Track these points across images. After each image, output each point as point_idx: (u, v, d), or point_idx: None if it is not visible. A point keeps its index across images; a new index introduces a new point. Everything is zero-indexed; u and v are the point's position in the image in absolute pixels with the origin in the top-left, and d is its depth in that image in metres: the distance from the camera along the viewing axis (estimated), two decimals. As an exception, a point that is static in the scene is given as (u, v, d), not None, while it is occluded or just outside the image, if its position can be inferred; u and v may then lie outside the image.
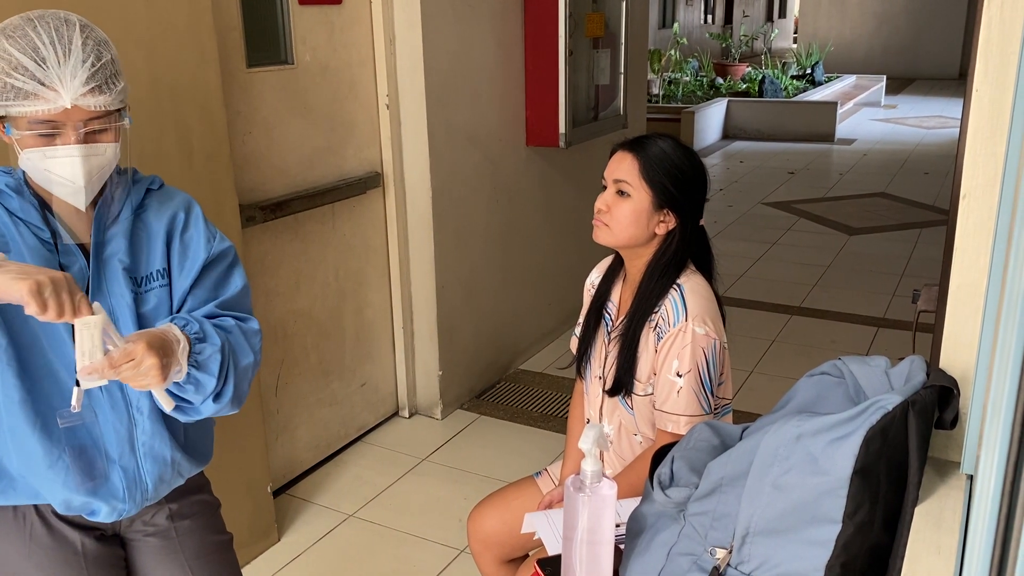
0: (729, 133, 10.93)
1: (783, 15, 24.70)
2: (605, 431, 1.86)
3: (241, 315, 1.46)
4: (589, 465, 1.17)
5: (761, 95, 11.69)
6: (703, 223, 1.80)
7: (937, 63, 17.58)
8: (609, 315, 1.87)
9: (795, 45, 20.38)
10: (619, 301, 1.87)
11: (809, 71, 14.17)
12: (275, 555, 2.72)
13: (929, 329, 2.62)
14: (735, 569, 1.04)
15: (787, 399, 1.13)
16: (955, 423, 0.98)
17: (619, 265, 1.89)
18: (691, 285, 1.73)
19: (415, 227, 3.37)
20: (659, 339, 1.71)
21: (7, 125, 1.24)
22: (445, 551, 2.71)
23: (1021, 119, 0.84)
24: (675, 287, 1.73)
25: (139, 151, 1.38)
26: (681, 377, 1.68)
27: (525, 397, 3.74)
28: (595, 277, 1.96)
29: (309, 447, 3.15)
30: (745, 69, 13.50)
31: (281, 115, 2.83)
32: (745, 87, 12.35)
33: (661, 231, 1.74)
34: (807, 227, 6.64)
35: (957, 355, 0.99)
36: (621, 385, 1.77)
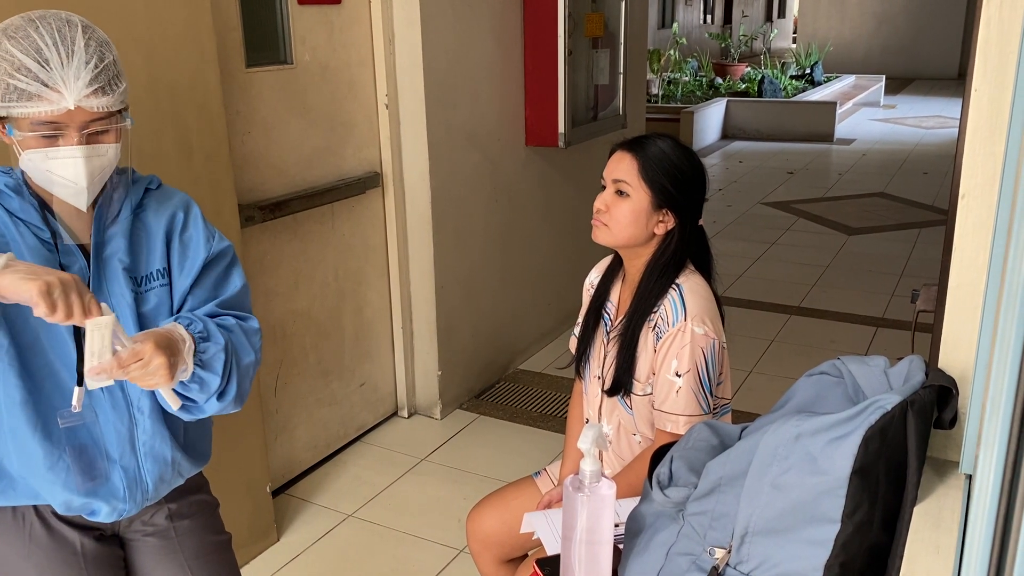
0: (728, 133, 10.93)
1: (782, 15, 24.71)
2: (604, 431, 1.86)
3: (241, 314, 1.46)
4: (588, 465, 1.17)
5: (760, 95, 11.69)
6: (702, 223, 1.80)
7: (936, 63, 17.59)
8: (608, 315, 1.87)
9: (794, 45, 20.39)
10: (618, 301, 1.87)
11: (808, 71, 14.17)
12: (274, 555, 2.72)
13: (928, 329, 2.62)
14: (734, 569, 1.04)
15: (786, 399, 1.13)
16: (954, 423, 0.98)
17: (618, 265, 1.89)
18: (690, 285, 1.73)
19: (414, 227, 3.37)
20: (658, 339, 1.71)
21: (8, 126, 1.24)
22: (444, 551, 2.71)
23: (1020, 118, 0.84)
24: (674, 287, 1.73)
25: (138, 151, 1.38)
26: (680, 377, 1.68)
27: (524, 397, 3.74)
28: (594, 277, 1.96)
29: (308, 447, 3.15)
30: (744, 69, 13.50)
31: (280, 115, 2.83)
32: (744, 87, 12.35)
33: (660, 231, 1.74)
34: (806, 227, 6.64)
35: (956, 355, 0.99)
36: (620, 385, 1.77)
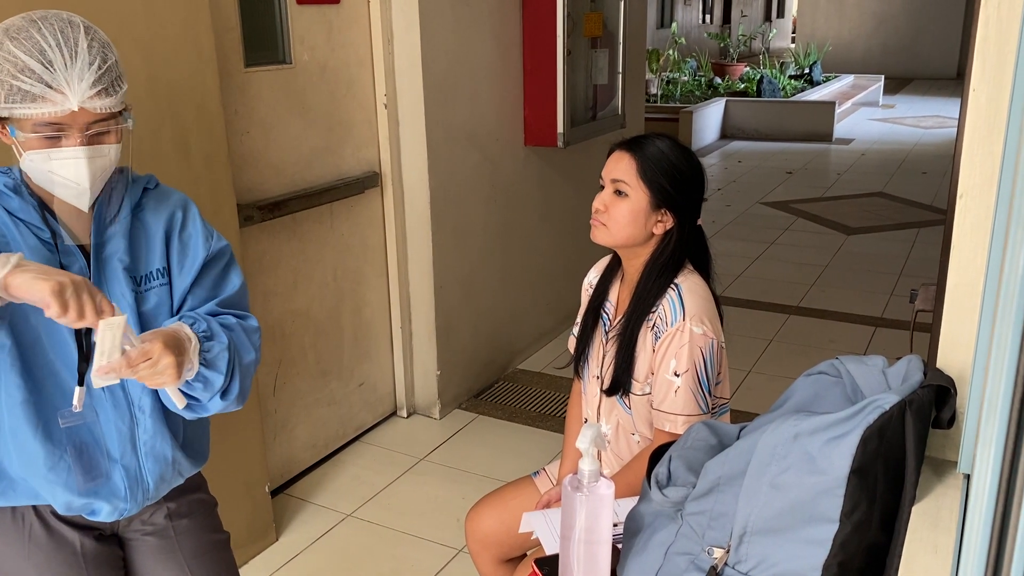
0: (727, 133, 10.93)
1: (781, 15, 24.71)
2: (603, 431, 1.87)
3: (241, 313, 1.47)
4: (587, 464, 1.17)
5: (759, 95, 11.70)
6: (701, 223, 1.80)
7: (935, 63, 17.60)
8: (607, 315, 1.87)
9: (793, 45, 20.40)
10: (617, 301, 1.87)
11: (807, 71, 14.17)
12: (273, 555, 2.72)
13: (927, 328, 2.62)
14: (732, 568, 1.04)
15: (784, 398, 1.13)
16: (952, 422, 0.98)
17: (617, 265, 1.89)
18: (689, 285, 1.73)
19: (413, 227, 3.37)
20: (657, 339, 1.71)
21: (11, 127, 1.24)
22: (443, 551, 2.71)
23: (1018, 118, 0.84)
24: (673, 287, 1.73)
25: (136, 151, 1.38)
26: (679, 377, 1.68)
27: (523, 397, 3.74)
28: (593, 277, 1.96)
29: (307, 447, 3.15)
30: (743, 69, 13.50)
31: (279, 115, 2.83)
32: (743, 87, 12.35)
33: (659, 231, 1.74)
34: (805, 227, 6.64)
35: (954, 354, 0.99)
36: (619, 385, 1.77)
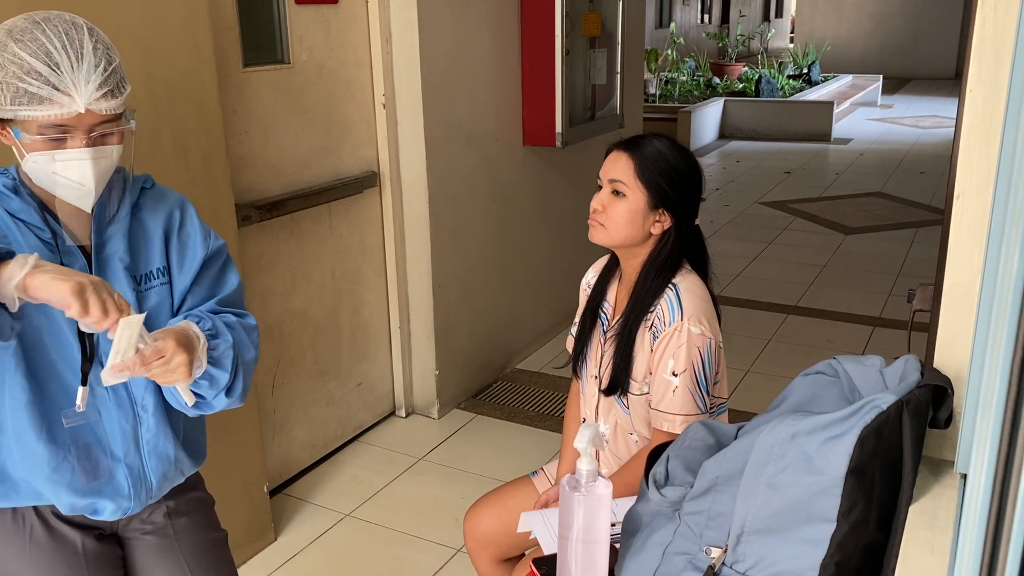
0: (725, 133, 10.94)
1: (779, 15, 24.72)
2: (601, 430, 1.87)
3: (240, 311, 1.48)
4: (585, 464, 1.17)
5: (758, 95, 11.70)
6: (699, 223, 1.80)
7: (933, 63, 17.61)
8: (605, 315, 1.87)
9: (791, 45, 20.41)
10: (615, 301, 1.87)
11: (805, 71, 14.18)
12: (271, 555, 2.72)
13: (925, 328, 2.62)
14: (730, 568, 1.05)
15: (782, 398, 1.13)
16: (949, 422, 0.99)
17: (615, 265, 1.89)
18: (687, 285, 1.73)
19: (412, 226, 3.37)
20: (655, 338, 1.71)
21: (15, 129, 1.24)
22: (442, 550, 2.71)
23: (1014, 119, 0.84)
24: (671, 287, 1.73)
25: (136, 151, 1.38)
26: (677, 376, 1.68)
27: (521, 396, 3.75)
28: (591, 277, 1.96)
29: (306, 446, 3.15)
30: (742, 69, 13.50)
31: (277, 115, 2.83)
32: (742, 87, 12.35)
33: (656, 231, 1.74)
34: (803, 227, 6.65)
35: (951, 354, 0.99)
36: (617, 384, 1.78)
